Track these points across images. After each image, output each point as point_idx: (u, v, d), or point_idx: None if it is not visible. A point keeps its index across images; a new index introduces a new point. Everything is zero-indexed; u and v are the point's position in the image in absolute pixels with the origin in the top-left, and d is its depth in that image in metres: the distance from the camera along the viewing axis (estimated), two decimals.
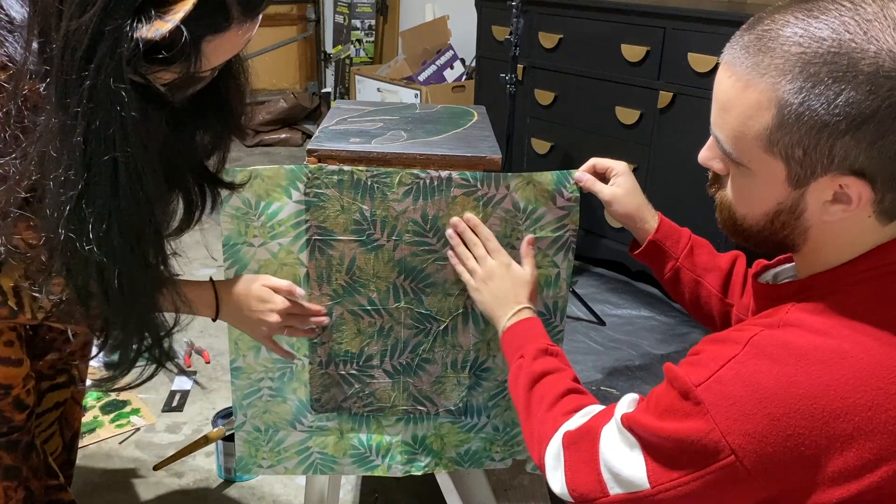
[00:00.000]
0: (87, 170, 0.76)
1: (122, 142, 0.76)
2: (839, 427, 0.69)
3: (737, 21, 2.31)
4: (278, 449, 1.30)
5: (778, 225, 0.77)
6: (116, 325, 0.90)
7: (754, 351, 0.73)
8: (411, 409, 1.28)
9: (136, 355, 0.93)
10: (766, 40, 0.71)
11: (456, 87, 3.81)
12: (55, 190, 0.77)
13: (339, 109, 1.41)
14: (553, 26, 2.87)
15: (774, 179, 0.74)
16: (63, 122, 0.75)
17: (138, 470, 1.86)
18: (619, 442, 0.82)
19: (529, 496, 1.74)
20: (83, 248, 0.79)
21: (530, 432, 0.97)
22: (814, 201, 0.73)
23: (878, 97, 0.66)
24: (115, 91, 0.73)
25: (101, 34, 0.71)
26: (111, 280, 0.82)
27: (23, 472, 1.18)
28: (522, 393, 1.00)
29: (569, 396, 0.96)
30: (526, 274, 1.13)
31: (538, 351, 1.02)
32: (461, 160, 1.15)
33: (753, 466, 0.71)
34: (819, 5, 0.69)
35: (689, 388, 0.74)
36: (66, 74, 0.73)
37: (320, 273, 1.19)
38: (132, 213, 0.80)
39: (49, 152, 0.76)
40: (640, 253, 1.15)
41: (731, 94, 0.74)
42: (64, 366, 1.35)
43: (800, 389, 0.70)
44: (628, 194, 1.13)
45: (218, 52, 0.81)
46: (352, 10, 4.64)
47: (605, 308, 2.72)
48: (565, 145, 2.96)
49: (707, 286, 1.12)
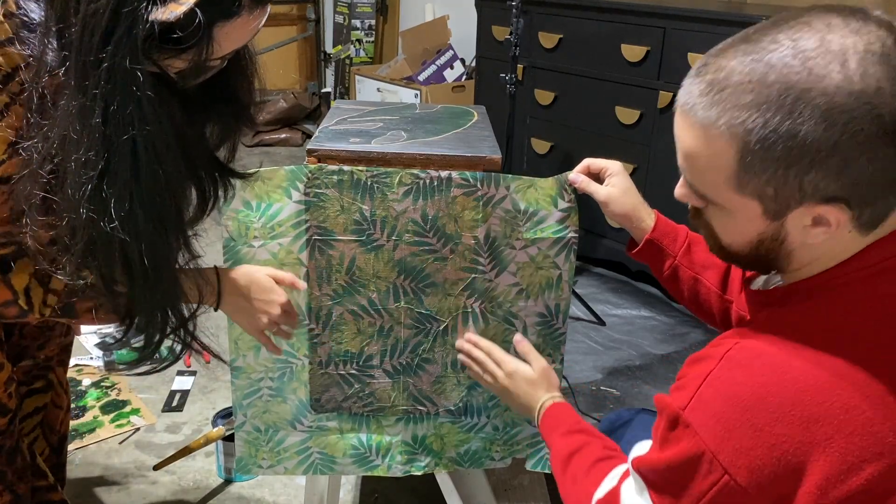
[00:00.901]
0: (107, 150, 0.77)
1: (140, 121, 0.77)
2: (819, 431, 0.70)
3: (737, 21, 2.34)
4: (278, 449, 1.30)
5: (763, 251, 0.78)
6: (141, 307, 0.90)
7: (730, 364, 0.74)
8: (411, 409, 1.28)
9: (162, 337, 0.93)
10: (715, 85, 0.71)
11: (456, 87, 3.81)
12: (76, 171, 0.78)
13: (338, 109, 1.41)
14: (553, 26, 2.87)
15: (751, 215, 0.75)
16: (82, 103, 0.76)
17: (138, 470, 1.86)
18: (635, 492, 0.84)
19: (529, 496, 1.74)
20: (106, 227, 0.80)
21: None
22: (794, 228, 0.74)
23: (836, 130, 0.66)
24: (132, 72, 0.75)
25: (117, 16, 0.73)
26: (135, 260, 0.83)
27: (8, 475, 1.18)
28: (559, 477, 1.02)
29: (597, 466, 0.97)
30: (533, 370, 1.15)
31: (562, 434, 1.04)
32: (461, 160, 1.16)
33: (747, 482, 0.72)
34: (759, 46, 0.69)
35: (677, 412, 0.76)
36: (85, 57, 0.75)
37: (320, 273, 1.19)
38: (153, 191, 0.81)
39: (70, 134, 0.78)
40: (637, 252, 1.15)
41: (691, 142, 0.74)
42: (40, 372, 1.35)
43: (777, 397, 0.71)
44: (624, 194, 1.13)
45: (229, 38, 0.82)
46: (352, 10, 4.64)
47: (605, 308, 2.72)
48: (565, 145, 2.96)
49: (706, 283, 1.12)
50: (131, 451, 1.93)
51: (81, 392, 2.16)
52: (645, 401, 2.17)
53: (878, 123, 0.65)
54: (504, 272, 1.21)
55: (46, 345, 1.34)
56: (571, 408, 1.10)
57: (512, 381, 1.15)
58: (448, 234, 1.18)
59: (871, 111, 0.65)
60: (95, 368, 2.29)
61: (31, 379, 1.33)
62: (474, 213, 1.16)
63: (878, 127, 0.65)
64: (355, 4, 4.61)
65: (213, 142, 1.02)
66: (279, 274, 1.12)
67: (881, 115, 0.65)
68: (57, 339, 1.37)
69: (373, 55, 4.65)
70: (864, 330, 0.73)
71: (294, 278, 1.13)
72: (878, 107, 0.65)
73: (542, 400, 1.12)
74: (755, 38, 0.70)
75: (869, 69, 0.65)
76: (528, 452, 1.35)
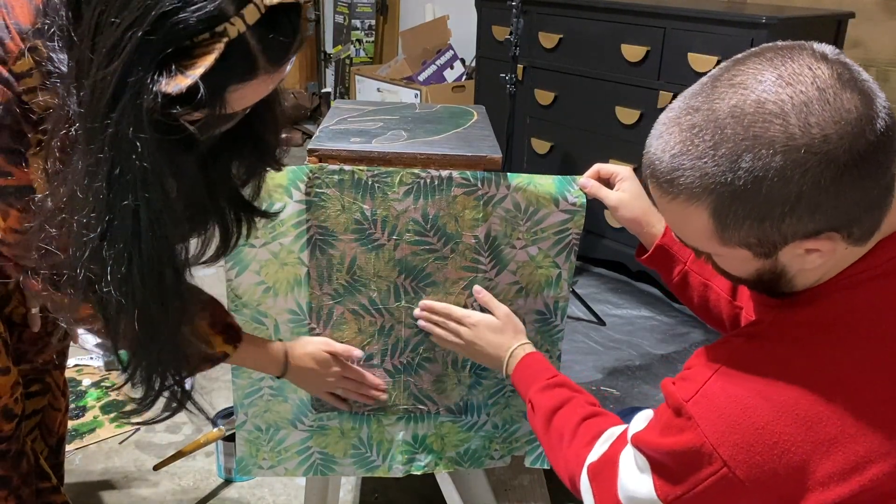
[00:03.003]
0: (108, 213, 0.77)
1: (142, 189, 0.77)
2: (822, 431, 0.71)
3: (737, 21, 2.34)
4: (279, 449, 1.30)
5: (766, 281, 0.79)
6: (137, 362, 0.91)
7: (737, 363, 0.76)
8: (412, 408, 1.28)
9: (158, 392, 0.94)
10: (676, 157, 0.71)
11: (456, 87, 3.81)
12: (78, 230, 0.79)
13: (338, 109, 1.41)
14: (553, 26, 2.87)
15: (744, 259, 0.76)
16: (88, 165, 0.76)
17: (138, 470, 1.86)
18: (633, 465, 0.84)
19: (529, 496, 1.74)
20: (101, 289, 0.80)
21: (559, 469, 1.00)
22: (789, 260, 0.75)
23: (794, 184, 0.67)
24: (134, 141, 0.74)
25: (124, 85, 0.72)
26: (130, 320, 0.83)
27: (13, 480, 1.18)
28: (542, 434, 1.03)
29: (584, 425, 0.98)
30: (497, 318, 1.16)
31: (540, 389, 1.05)
32: (461, 160, 1.16)
33: (745, 476, 0.73)
34: (704, 115, 0.70)
35: (681, 403, 0.77)
36: (92, 121, 0.75)
37: (321, 272, 1.19)
38: (152, 257, 0.81)
39: (76, 193, 0.78)
40: (647, 258, 1.15)
41: (666, 210, 0.77)
42: (38, 375, 1.36)
43: (781, 398, 0.72)
44: (635, 199, 1.13)
45: (243, 99, 0.81)
46: (352, 10, 4.64)
47: (605, 308, 2.72)
48: (565, 145, 2.96)
49: (716, 289, 1.12)
50: (131, 451, 1.93)
51: (81, 392, 2.16)
52: (644, 401, 2.17)
53: (833, 166, 0.66)
54: (504, 271, 1.21)
55: (45, 349, 1.35)
56: (544, 358, 1.11)
57: (476, 332, 1.15)
58: (449, 234, 1.18)
59: (824, 158, 0.66)
60: (95, 368, 2.29)
61: (28, 382, 1.34)
62: (475, 213, 1.16)
63: (834, 169, 0.66)
64: (355, 4, 4.62)
65: (238, 179, 1.01)
66: (335, 347, 1.21)
67: (835, 158, 0.66)
68: (55, 344, 1.37)
69: (373, 55, 4.65)
70: (869, 331, 0.74)
71: (348, 349, 1.22)
72: (829, 152, 0.66)
73: (512, 348, 1.13)
74: (697, 106, 0.71)
75: (810, 119, 0.66)
76: (526, 449, 1.35)
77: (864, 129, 0.66)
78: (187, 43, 0.72)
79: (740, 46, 2.61)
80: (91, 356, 2.35)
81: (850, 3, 2.73)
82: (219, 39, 0.72)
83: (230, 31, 0.73)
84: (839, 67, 0.68)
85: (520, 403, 1.30)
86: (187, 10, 0.71)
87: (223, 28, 0.72)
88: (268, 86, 0.82)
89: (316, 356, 1.19)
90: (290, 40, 0.79)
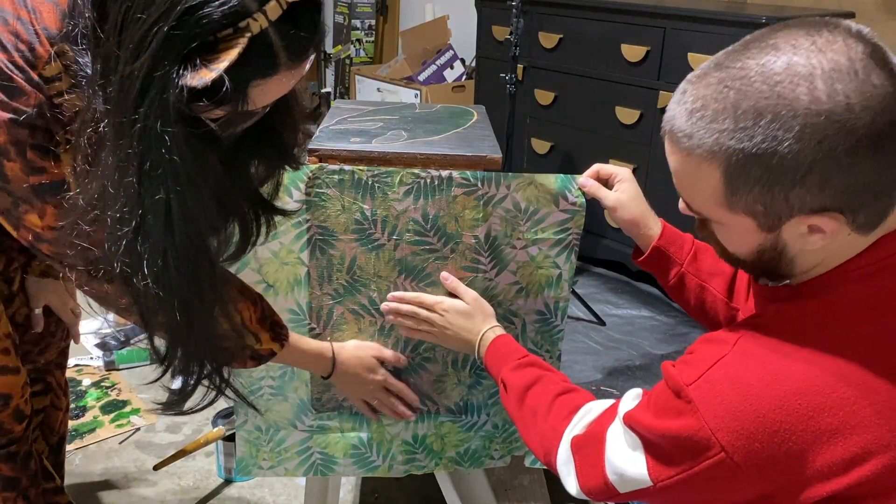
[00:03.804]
0: (140, 207, 0.78)
1: (172, 182, 0.78)
2: (824, 422, 0.71)
3: (737, 21, 2.34)
4: (279, 449, 1.30)
5: (766, 259, 0.80)
6: (176, 355, 0.92)
7: (742, 352, 0.76)
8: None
9: (197, 381, 0.95)
10: (695, 113, 0.73)
11: (456, 87, 3.81)
12: (112, 225, 0.80)
13: (338, 109, 1.41)
14: (553, 26, 2.87)
15: (747, 229, 0.77)
16: (118, 160, 0.78)
17: (138, 470, 1.86)
18: (622, 442, 0.84)
19: (529, 496, 1.74)
20: (139, 282, 0.81)
21: (534, 445, 1.00)
22: (791, 238, 0.75)
23: (810, 150, 0.67)
24: (162, 134, 0.75)
25: (150, 80, 0.74)
26: (170, 312, 0.84)
27: (22, 481, 1.18)
28: (515, 411, 1.04)
29: (558, 400, 0.98)
30: (465, 303, 1.17)
31: (512, 368, 1.06)
32: (462, 159, 1.16)
33: (743, 462, 0.73)
34: (730, 73, 0.71)
35: (681, 386, 0.77)
36: (121, 116, 0.76)
37: (321, 272, 1.19)
38: (187, 248, 0.82)
39: (108, 188, 0.79)
40: (644, 259, 1.15)
41: (679, 168, 0.77)
42: (39, 375, 1.36)
43: (784, 387, 0.72)
44: (633, 200, 1.14)
45: (265, 95, 0.82)
46: (352, 10, 4.64)
47: (605, 308, 2.72)
48: (565, 145, 2.96)
49: (712, 291, 1.12)
50: (131, 451, 1.93)
51: (81, 392, 2.16)
52: None
53: (851, 138, 0.67)
54: (504, 271, 1.21)
55: (47, 349, 1.35)
56: (514, 339, 1.13)
57: (447, 318, 1.16)
58: (449, 234, 1.18)
59: (843, 128, 0.66)
60: (95, 368, 2.29)
61: (31, 382, 1.34)
62: (475, 213, 1.16)
63: (852, 141, 0.67)
64: (355, 4, 4.62)
65: (258, 178, 1.02)
66: (384, 353, 1.23)
67: (854, 129, 0.66)
68: (57, 344, 1.37)
69: (373, 55, 4.65)
70: (874, 324, 0.74)
71: (397, 355, 1.24)
72: (848, 122, 0.66)
73: (483, 331, 1.14)
74: (727, 65, 0.72)
75: (836, 86, 0.66)
76: (526, 449, 1.35)
77: (888, 107, 0.67)
78: (211, 38, 0.74)
79: None
80: (91, 356, 2.35)
81: (850, 4, 2.73)
82: (242, 34, 0.74)
83: (253, 26, 0.74)
84: (873, 47, 0.69)
85: None
86: (211, 5, 0.72)
87: (246, 23, 0.74)
88: (289, 82, 0.83)
89: (364, 360, 1.21)
90: (310, 36, 0.80)
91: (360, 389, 1.23)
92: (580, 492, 0.90)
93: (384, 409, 1.26)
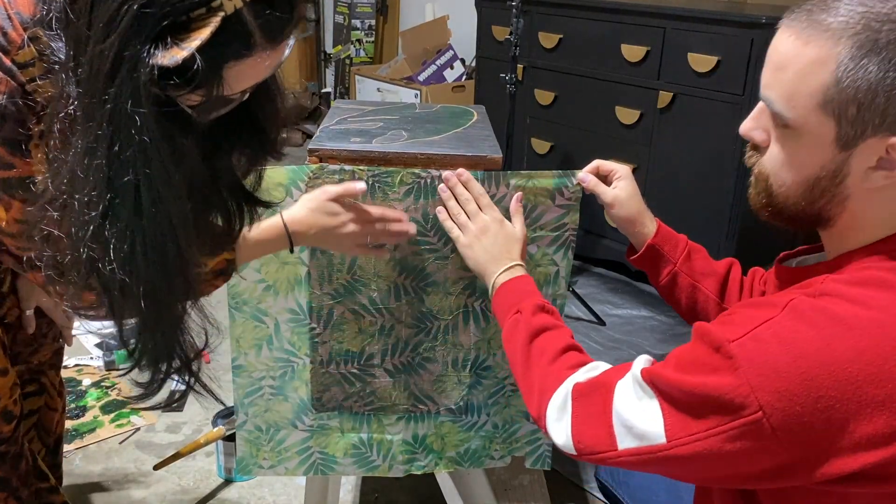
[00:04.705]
0: (109, 190, 0.77)
1: (142, 165, 0.77)
2: (871, 393, 0.70)
3: (737, 21, 2.34)
4: (279, 449, 1.30)
5: (817, 193, 0.78)
6: (143, 344, 0.91)
7: (793, 314, 0.74)
8: (412, 408, 1.28)
9: (166, 375, 0.94)
10: (829, 1, 0.73)
11: (456, 87, 3.81)
12: (80, 209, 0.78)
13: (338, 109, 1.41)
14: (553, 26, 2.87)
15: (822, 140, 0.75)
16: (88, 143, 0.77)
17: (138, 470, 1.86)
18: (635, 395, 0.81)
19: (529, 496, 1.74)
20: (104, 268, 0.80)
21: (529, 385, 0.95)
22: (857, 166, 0.74)
23: None
24: (133, 115, 0.74)
25: (120, 59, 0.73)
26: (136, 300, 0.83)
27: (13, 482, 1.18)
28: (520, 347, 0.99)
29: (571, 352, 0.95)
30: (517, 231, 1.12)
31: (536, 307, 1.01)
32: (462, 159, 1.16)
33: (779, 425, 0.71)
34: None
35: (723, 342, 0.74)
36: (91, 97, 0.75)
37: (321, 272, 1.19)
38: (155, 234, 0.81)
39: (77, 173, 0.78)
40: (638, 258, 1.15)
41: (789, 51, 0.75)
42: (33, 376, 1.36)
43: (836, 353, 0.70)
44: (630, 198, 1.14)
45: (240, 78, 0.81)
46: (352, 10, 4.64)
47: (605, 308, 2.72)
48: (565, 145, 2.96)
49: (704, 291, 1.12)
50: (131, 451, 1.93)
51: (81, 392, 2.16)
52: None
53: None
54: None
55: (39, 350, 1.35)
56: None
57: (498, 226, 1.10)
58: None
59: None
60: (95, 368, 2.29)
61: (24, 383, 1.34)
62: None
63: None
64: (355, 4, 4.62)
65: (239, 170, 1.01)
66: (334, 190, 1.11)
67: None
68: (50, 345, 1.37)
69: (373, 55, 4.65)
70: None
71: (347, 186, 1.12)
72: None
73: (518, 261, 1.09)
74: None
75: None
76: (526, 450, 1.35)
77: None
78: (183, 18, 0.73)
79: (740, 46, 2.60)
80: (91, 356, 2.35)
81: None
82: (215, 14, 0.73)
83: (226, 5, 0.73)
84: None
85: (520, 403, 1.31)
86: None
87: (219, 2, 0.73)
88: (266, 65, 0.82)
89: (318, 208, 1.11)
90: (287, 16, 0.79)
91: (339, 238, 1.13)
92: (569, 442, 0.86)
93: (383, 237, 1.16)
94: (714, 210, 2.48)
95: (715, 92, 2.39)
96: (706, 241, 1.23)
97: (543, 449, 1.35)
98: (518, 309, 1.02)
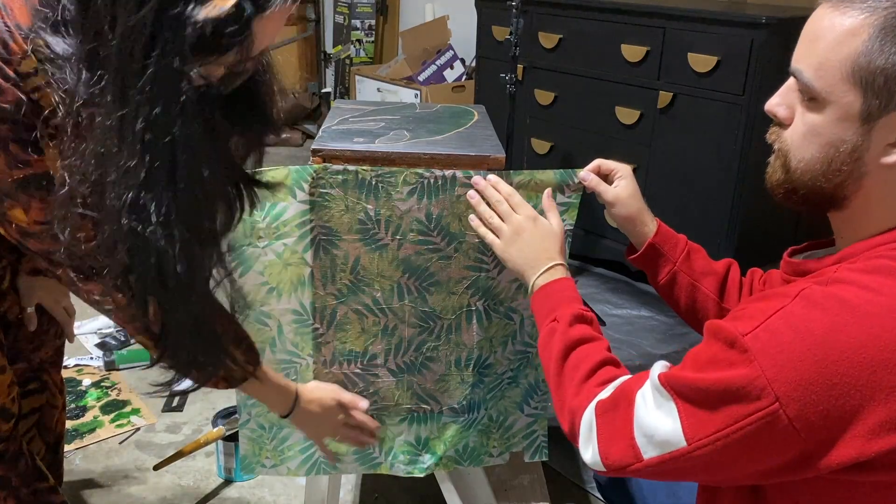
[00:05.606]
0: (148, 156, 0.79)
1: (184, 121, 0.79)
2: (885, 378, 0.70)
3: (737, 21, 2.34)
4: (282, 448, 1.30)
5: (835, 168, 0.78)
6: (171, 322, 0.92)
7: (805, 302, 0.74)
8: (415, 408, 1.28)
9: (189, 367, 0.95)
10: None
11: (456, 87, 3.81)
12: (117, 181, 0.80)
13: (339, 109, 1.41)
14: (553, 26, 2.88)
15: (847, 113, 0.76)
16: (122, 115, 0.78)
17: (138, 470, 1.85)
18: (654, 403, 0.81)
19: (529, 496, 1.74)
20: (144, 231, 0.81)
21: (561, 403, 0.94)
22: (878, 140, 0.75)
23: None
24: (177, 72, 0.76)
25: (161, 22, 0.74)
26: (169, 271, 0.84)
27: (11, 481, 1.18)
28: (555, 360, 0.97)
29: (605, 368, 0.94)
30: (553, 226, 1.11)
31: (573, 317, 0.99)
32: (465, 159, 1.16)
33: (796, 415, 0.71)
34: None
35: (736, 336, 0.74)
36: (126, 69, 0.76)
37: (325, 273, 1.19)
38: (190, 196, 0.82)
39: (108, 150, 0.79)
40: (638, 257, 1.16)
41: (824, 22, 0.77)
42: (34, 374, 1.36)
43: (849, 338, 0.71)
44: (631, 197, 1.14)
45: (265, 32, 0.82)
46: (352, 10, 4.64)
47: (605, 308, 2.72)
48: (565, 145, 2.96)
49: (704, 290, 1.12)
50: (131, 451, 1.93)
51: (81, 392, 2.15)
52: None
53: None
54: (506, 270, 1.21)
55: (41, 348, 1.35)
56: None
57: (532, 224, 1.09)
58: (452, 233, 1.18)
59: None
60: (95, 368, 2.29)
61: (25, 381, 1.34)
62: None
63: None
64: (355, 4, 4.61)
65: (238, 154, 1.02)
66: (344, 397, 1.22)
67: None
68: (51, 342, 1.37)
69: (373, 55, 4.65)
70: None
71: (355, 399, 1.23)
72: None
73: (558, 261, 1.07)
74: None
75: None
76: (524, 444, 1.35)
77: None
78: None
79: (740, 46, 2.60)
80: (91, 356, 2.35)
81: None
82: None
83: None
84: None
85: (514, 395, 1.31)
86: None
87: None
88: (282, 19, 0.84)
89: (324, 402, 1.21)
90: None
91: (319, 430, 1.23)
92: (596, 459, 0.86)
93: (348, 441, 1.26)
94: (714, 210, 2.49)
95: (715, 92, 2.40)
96: (706, 241, 1.24)
97: (540, 441, 1.35)
98: (555, 317, 1.01)
